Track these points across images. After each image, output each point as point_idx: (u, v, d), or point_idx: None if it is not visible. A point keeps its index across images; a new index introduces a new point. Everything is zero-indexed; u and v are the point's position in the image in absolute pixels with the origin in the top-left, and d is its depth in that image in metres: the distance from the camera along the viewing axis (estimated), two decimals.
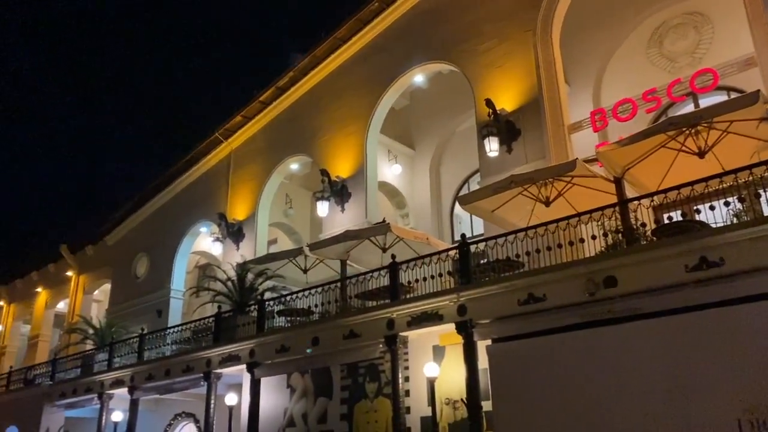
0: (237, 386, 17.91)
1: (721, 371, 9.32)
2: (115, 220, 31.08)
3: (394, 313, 14.05)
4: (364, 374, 16.17)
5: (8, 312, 37.26)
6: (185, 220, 27.21)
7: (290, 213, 25.48)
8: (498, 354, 12.25)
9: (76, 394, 22.56)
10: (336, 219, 20.57)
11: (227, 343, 17.75)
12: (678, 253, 10.21)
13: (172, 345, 20.44)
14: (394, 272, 14.61)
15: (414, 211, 22.77)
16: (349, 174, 20.94)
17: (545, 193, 13.54)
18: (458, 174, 22.06)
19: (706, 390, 9.35)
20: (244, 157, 25.66)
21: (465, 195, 15.70)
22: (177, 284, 26.86)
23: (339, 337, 15.08)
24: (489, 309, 12.51)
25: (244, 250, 23.48)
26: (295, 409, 17.35)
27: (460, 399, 12.92)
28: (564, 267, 11.54)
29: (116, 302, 29.27)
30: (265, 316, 17.39)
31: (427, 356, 14.17)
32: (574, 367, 10.95)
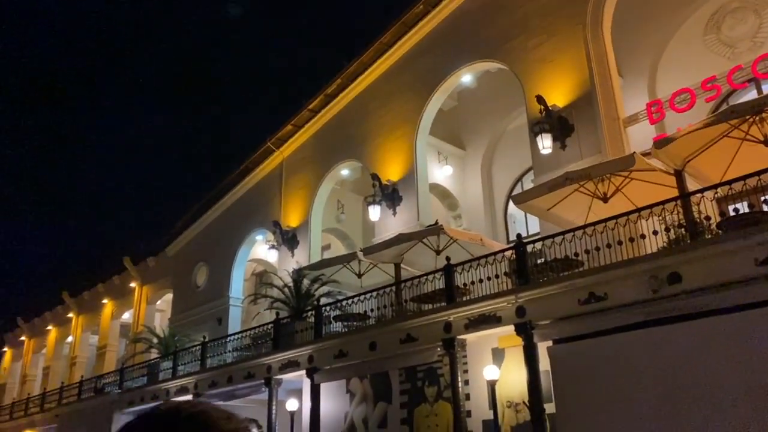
0: (297, 392, 18.12)
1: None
2: (175, 232, 32.04)
3: (450, 316, 13.94)
4: (422, 378, 16.09)
5: (77, 323, 38.85)
6: (241, 229, 27.79)
7: (342, 218, 25.69)
8: (560, 355, 11.99)
9: (143, 401, 23.28)
10: (388, 223, 20.61)
11: (286, 349, 17.99)
12: (746, 246, 9.76)
13: (233, 352, 20.86)
14: (449, 274, 14.51)
15: (466, 212, 22.59)
16: (400, 177, 20.95)
17: (602, 189, 13.21)
18: (511, 173, 21.79)
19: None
20: (296, 165, 26.03)
21: (519, 194, 15.48)
22: (235, 292, 27.44)
23: (396, 341, 15.07)
24: (549, 310, 12.26)
25: (298, 256, 23.80)
26: (356, 414, 17.42)
27: (521, 401, 12.72)
28: (625, 264, 11.21)
29: (178, 311, 30.14)
30: (322, 322, 17.56)
31: (487, 359, 14.00)
32: (641, 366, 10.61)
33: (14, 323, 45.86)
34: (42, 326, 42.75)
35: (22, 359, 44.85)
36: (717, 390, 9.65)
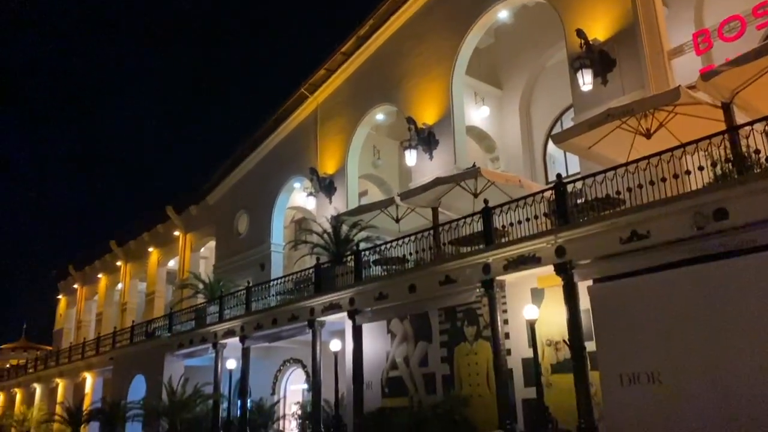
0: (340, 333, 18.60)
1: None
2: (214, 181, 32.53)
3: (489, 258, 13.98)
4: (462, 318, 16.32)
5: (126, 271, 40.33)
6: (279, 176, 28.06)
7: (379, 164, 25.64)
8: (600, 294, 11.98)
9: (193, 344, 24.26)
10: (425, 167, 20.50)
11: (328, 293, 18.40)
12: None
13: (276, 296, 21.42)
14: (487, 217, 14.46)
15: (504, 153, 22.27)
16: (436, 120, 20.70)
17: (645, 125, 12.82)
18: (550, 112, 21.26)
19: None
20: (330, 111, 25.92)
21: (559, 133, 15.16)
22: (276, 239, 27.96)
23: (435, 283, 15.24)
24: (589, 249, 12.17)
25: (336, 202, 24.00)
26: (397, 353, 17.85)
27: (561, 340, 12.81)
28: (669, 201, 10.97)
29: (222, 258, 30.93)
30: (361, 266, 17.83)
31: (526, 299, 14.07)
32: (684, 304, 10.53)
33: (66, 272, 47.90)
34: (92, 274, 44.56)
35: (76, 306, 47.02)
36: (761, 327, 9.53)
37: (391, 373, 17.84)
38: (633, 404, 10.87)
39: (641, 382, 10.87)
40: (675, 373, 10.44)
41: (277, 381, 25.11)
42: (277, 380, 25.12)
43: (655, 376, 10.70)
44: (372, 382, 17.92)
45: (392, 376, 17.80)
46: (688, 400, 10.13)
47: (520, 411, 13.99)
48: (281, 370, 25.08)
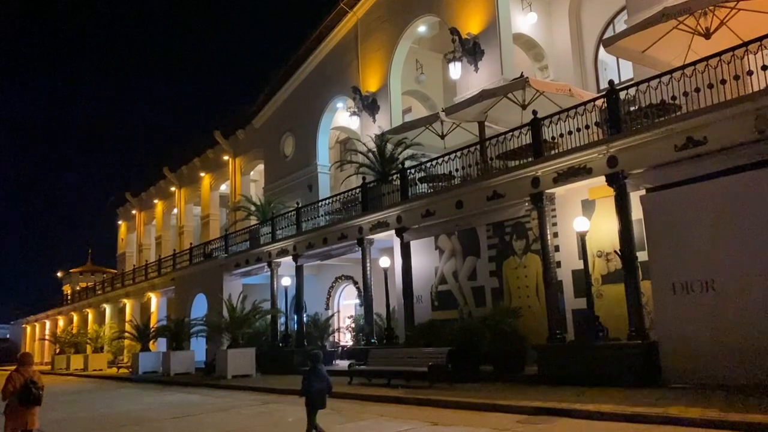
0: (389, 250, 18.96)
1: None
2: (259, 104, 32.61)
3: (538, 171, 13.78)
4: (510, 233, 16.34)
5: (180, 196, 41.59)
6: (322, 96, 27.89)
7: (422, 79, 25.10)
8: (653, 203, 11.73)
9: (248, 264, 25.19)
10: (470, 80, 19.99)
11: (375, 211, 18.62)
12: None
13: (325, 216, 21.84)
14: (536, 129, 14.14)
15: (553, 62, 21.44)
16: (481, 29, 19.96)
17: (704, 24, 12.08)
18: (602, 14, 20.18)
19: None
20: (371, 26, 25.26)
21: (611, 36, 14.44)
22: (322, 160, 28.17)
23: (482, 198, 15.20)
24: (642, 158, 11.83)
25: (380, 121, 23.80)
26: (446, 268, 18.13)
27: (612, 251, 12.73)
28: (729, 105, 10.46)
29: (270, 180, 31.48)
30: (408, 184, 17.87)
31: (576, 211, 13.92)
32: (744, 211, 10.23)
33: (124, 198, 49.74)
34: (149, 200, 46.18)
35: (136, 230, 49.14)
36: None
37: (441, 288, 18.21)
38: (685, 312, 10.84)
39: (694, 291, 10.80)
40: (730, 281, 10.31)
41: (331, 296, 26.02)
42: (331, 296, 26.02)
43: (709, 284, 10.59)
44: (422, 296, 18.36)
45: (441, 290, 18.17)
46: (743, 308, 10.03)
47: (570, 321, 14.18)
48: (333, 286, 25.92)
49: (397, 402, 12.40)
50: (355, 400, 13.24)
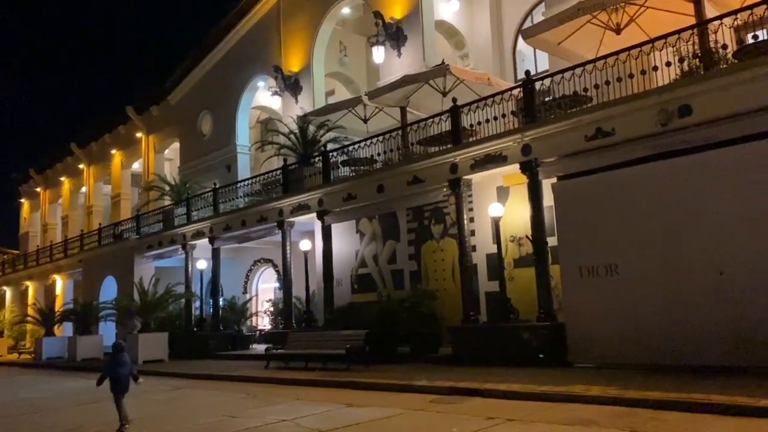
0: (309, 233, 18.84)
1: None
2: (175, 79, 31.36)
3: (457, 157, 14.06)
4: (429, 217, 16.62)
5: (89, 174, 39.54)
6: (242, 74, 27.17)
7: (346, 61, 24.93)
8: (564, 191, 12.23)
9: (162, 246, 24.37)
10: (393, 65, 20.03)
11: (296, 194, 18.44)
12: (762, 74, 9.52)
13: (244, 197, 21.40)
14: (455, 116, 14.39)
15: (474, 50, 21.80)
16: (404, 14, 20.00)
17: (616, 20, 12.64)
18: (521, 6, 20.66)
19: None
20: (294, 4, 24.77)
21: (529, 28, 14.88)
22: (242, 140, 27.49)
23: (403, 183, 15.36)
24: (554, 147, 12.31)
25: (302, 102, 23.48)
26: (366, 252, 18.24)
27: (525, 236, 13.20)
28: (635, 98, 11.03)
29: (187, 160, 30.45)
30: (330, 167, 17.79)
31: (491, 197, 14.32)
32: (645, 199, 10.83)
33: (27, 175, 46.74)
34: (55, 177, 43.61)
35: (40, 209, 46.32)
36: (718, 218, 9.92)
37: (361, 271, 18.31)
38: (591, 294, 11.41)
39: (599, 275, 11.36)
40: (632, 265, 10.92)
41: (249, 280, 25.61)
42: (249, 279, 25.62)
43: (613, 268, 11.18)
44: (342, 279, 18.40)
45: (362, 273, 18.28)
46: (643, 290, 10.65)
47: (483, 303, 14.63)
48: (252, 269, 25.52)
49: (314, 385, 12.41)
50: (271, 384, 13.15)
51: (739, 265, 9.57)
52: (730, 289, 9.60)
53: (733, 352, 9.44)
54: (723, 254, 9.77)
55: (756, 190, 9.59)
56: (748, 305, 9.32)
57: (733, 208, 9.79)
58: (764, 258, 9.29)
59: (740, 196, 9.74)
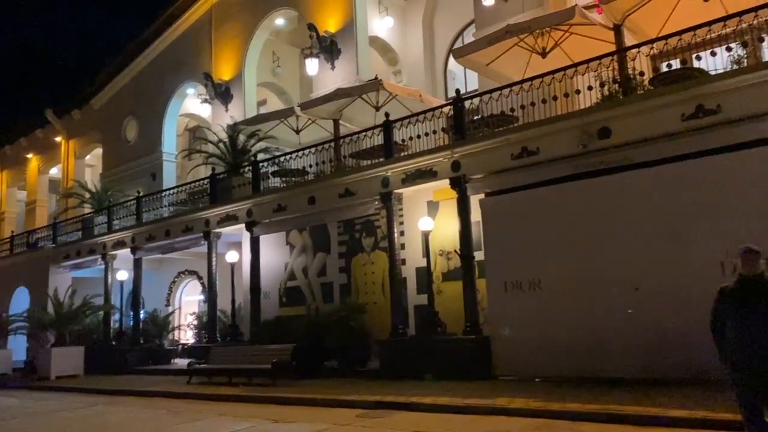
0: (237, 244, 18.46)
1: (717, 215, 9.61)
2: (99, 83, 30.17)
3: (388, 171, 14.18)
4: (360, 230, 16.64)
5: (2, 178, 37.31)
6: (171, 81, 26.46)
7: (278, 72, 24.72)
8: (491, 207, 12.56)
9: (80, 255, 23.26)
10: (326, 77, 20.03)
11: (224, 204, 18.05)
12: (675, 101, 10.14)
13: (169, 207, 20.76)
14: (387, 130, 14.53)
15: (407, 67, 22.14)
16: (339, 28, 20.08)
17: (541, 44, 13.12)
18: (453, 26, 21.17)
19: (700, 234, 9.68)
20: (227, 12, 24.41)
21: (460, 48, 15.23)
22: (168, 147, 26.70)
23: (335, 195, 15.33)
24: (483, 164, 12.63)
25: (233, 111, 23.08)
26: (296, 264, 18.04)
27: (453, 250, 13.42)
28: (558, 119, 11.49)
29: (109, 166, 29.27)
30: (259, 177, 17.54)
31: (422, 211, 14.50)
32: (567, 217, 11.26)
33: None
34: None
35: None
36: (633, 236, 10.43)
37: (290, 284, 18.09)
38: (515, 309, 11.72)
39: (523, 289, 11.69)
40: (554, 280, 11.29)
41: (172, 292, 24.80)
42: (172, 291, 24.80)
43: (536, 283, 11.53)
44: (269, 292, 18.11)
45: (290, 286, 18.06)
46: (564, 304, 11.02)
47: (412, 316, 14.73)
48: (176, 281, 24.73)
49: (239, 400, 12.11)
50: (193, 400, 12.75)
51: (653, 281, 10.08)
52: (644, 304, 10.08)
53: (648, 364, 9.89)
54: (638, 270, 10.27)
55: (667, 210, 10.16)
56: (662, 320, 9.80)
57: (646, 227, 10.33)
58: (676, 274, 9.82)
59: (653, 216, 10.29)
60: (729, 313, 4.96)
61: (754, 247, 4.99)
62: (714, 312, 5.11)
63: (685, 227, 9.91)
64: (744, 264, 4.99)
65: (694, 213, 9.87)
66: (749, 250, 4.97)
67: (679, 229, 9.96)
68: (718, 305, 5.07)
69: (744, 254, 4.99)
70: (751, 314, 4.81)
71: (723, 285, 5.11)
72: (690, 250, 9.76)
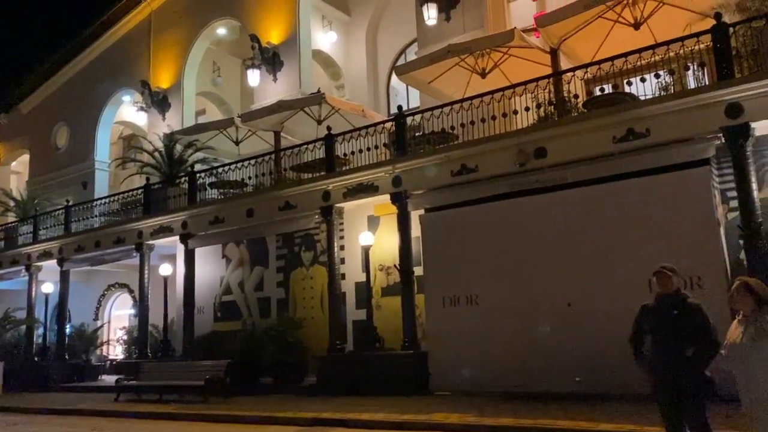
0: (171, 257, 17.95)
1: (644, 234, 9.97)
2: (29, 86, 28.85)
3: (330, 185, 14.12)
4: (300, 244, 16.47)
5: None
6: (106, 87, 25.59)
7: (219, 82, 24.30)
8: (430, 222, 12.67)
9: (2, 266, 22.07)
10: (268, 89, 19.84)
11: (159, 215, 17.54)
12: (607, 124, 10.55)
13: (100, 217, 20.00)
14: (329, 144, 14.49)
15: (349, 82, 22.19)
16: (282, 41, 19.96)
17: (482, 65, 13.42)
18: (396, 43, 21.39)
19: (629, 252, 10.00)
20: (167, 20, 23.89)
21: (402, 65, 15.39)
22: (101, 155, 25.76)
23: (274, 208, 15.13)
24: (423, 180, 12.75)
25: (170, 120, 22.51)
26: (232, 278, 17.67)
27: (393, 265, 13.44)
28: (496, 138, 11.75)
29: (37, 174, 27.94)
30: (196, 188, 17.15)
31: (362, 226, 14.50)
32: (503, 233, 11.49)
33: None
34: None
35: None
36: (566, 253, 10.72)
37: (225, 298, 17.70)
38: (452, 324, 11.82)
39: (461, 304, 11.83)
40: (490, 296, 11.47)
41: (101, 306, 23.80)
42: (101, 305, 23.80)
43: (473, 298, 11.68)
44: (204, 306, 17.67)
45: (226, 300, 17.67)
46: (500, 320, 11.20)
47: (351, 332, 14.65)
48: (105, 294, 23.75)
49: (170, 418, 11.70)
50: (121, 418, 12.22)
51: (585, 297, 10.37)
52: (577, 319, 10.35)
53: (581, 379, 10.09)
54: (571, 287, 10.55)
55: (598, 228, 10.52)
56: (593, 335, 10.06)
57: (579, 245, 10.64)
58: (606, 291, 10.13)
59: (585, 233, 10.61)
60: (647, 330, 5.14)
61: (667, 266, 5.20)
62: (633, 327, 5.29)
63: (614, 245, 10.26)
64: (658, 282, 5.20)
65: (623, 231, 10.24)
66: (662, 269, 5.19)
67: (609, 246, 10.32)
68: (637, 324, 5.25)
69: (657, 273, 5.20)
70: (665, 331, 4.99)
71: (645, 303, 5.29)
72: (619, 268, 10.09)
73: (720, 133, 9.70)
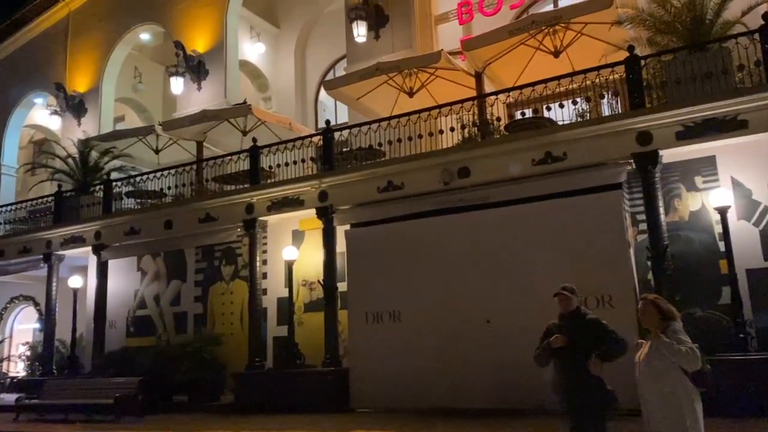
0: (82, 269, 17.09)
1: (560, 254, 10.33)
2: None
3: (253, 198, 13.88)
4: (220, 257, 16.05)
5: None
6: (16, 89, 24.20)
7: (140, 88, 23.48)
8: (355, 238, 12.67)
9: None
10: (192, 97, 19.33)
11: (70, 224, 16.68)
12: (527, 147, 10.94)
13: (5, 225, 18.79)
14: (255, 156, 14.26)
15: (277, 94, 21.95)
16: (207, 49, 19.54)
17: (409, 84, 13.65)
18: (325, 58, 21.39)
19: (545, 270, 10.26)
20: (86, 21, 22.91)
21: (331, 80, 15.43)
22: (8, 160, 24.27)
23: (194, 220, 14.71)
24: (349, 195, 12.75)
25: (86, 126, 21.51)
26: (147, 291, 16.98)
27: (317, 280, 13.31)
28: (422, 157, 11.95)
29: None
30: (112, 197, 16.44)
31: (287, 240, 14.30)
32: (427, 250, 11.63)
33: None
34: None
35: None
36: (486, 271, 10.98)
37: (139, 312, 16.98)
38: (375, 340, 11.81)
39: (384, 321, 11.85)
40: (413, 312, 11.55)
41: (2, 320, 22.29)
42: (2, 319, 22.29)
43: (396, 315, 11.73)
44: (116, 321, 16.87)
45: (140, 315, 16.95)
46: (422, 336, 11.28)
47: (271, 348, 14.36)
48: (8, 307, 22.26)
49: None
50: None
51: (503, 315, 10.62)
52: (496, 336, 10.57)
53: (501, 396, 10.29)
54: (490, 305, 10.78)
55: (516, 248, 10.83)
56: (511, 351, 10.24)
57: (498, 263, 10.92)
58: (524, 307, 10.36)
59: (504, 252, 10.91)
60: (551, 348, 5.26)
61: (567, 287, 5.42)
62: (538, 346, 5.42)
63: (533, 263, 10.58)
64: (559, 303, 5.40)
65: (541, 250, 10.59)
66: (561, 291, 5.40)
67: (527, 265, 10.63)
68: (542, 342, 5.40)
69: (557, 295, 5.41)
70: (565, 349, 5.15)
71: (550, 322, 5.46)
72: (536, 286, 10.34)
73: (631, 159, 10.24)
